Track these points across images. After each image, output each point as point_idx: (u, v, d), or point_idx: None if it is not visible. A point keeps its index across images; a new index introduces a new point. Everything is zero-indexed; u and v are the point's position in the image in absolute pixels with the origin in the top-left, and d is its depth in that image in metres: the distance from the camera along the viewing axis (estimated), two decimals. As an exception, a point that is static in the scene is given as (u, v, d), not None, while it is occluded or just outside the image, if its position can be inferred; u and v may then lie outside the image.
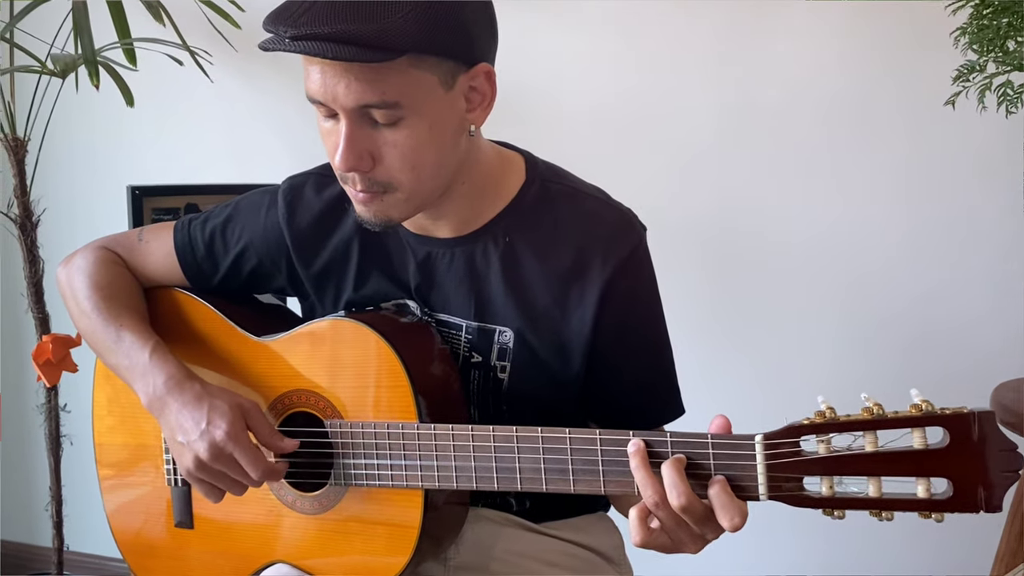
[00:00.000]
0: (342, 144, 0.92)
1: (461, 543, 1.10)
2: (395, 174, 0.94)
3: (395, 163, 0.93)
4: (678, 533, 0.85)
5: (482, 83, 0.97)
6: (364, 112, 0.91)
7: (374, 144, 0.93)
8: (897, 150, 1.78)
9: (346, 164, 0.93)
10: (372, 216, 0.98)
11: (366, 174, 0.94)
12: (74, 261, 1.20)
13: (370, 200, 0.96)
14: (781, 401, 1.85)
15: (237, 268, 1.16)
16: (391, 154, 0.93)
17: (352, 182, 0.95)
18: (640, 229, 1.06)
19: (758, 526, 1.00)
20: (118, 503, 1.25)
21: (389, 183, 0.94)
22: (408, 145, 0.92)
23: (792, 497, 0.81)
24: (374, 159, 0.93)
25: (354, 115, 0.91)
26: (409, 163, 0.93)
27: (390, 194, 0.95)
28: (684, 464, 0.83)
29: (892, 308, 1.82)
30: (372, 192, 0.95)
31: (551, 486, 0.92)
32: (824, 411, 0.80)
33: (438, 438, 0.98)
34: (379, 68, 0.88)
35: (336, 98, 0.90)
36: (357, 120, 0.91)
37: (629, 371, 1.06)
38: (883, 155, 1.79)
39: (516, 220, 1.05)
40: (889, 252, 1.81)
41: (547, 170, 1.09)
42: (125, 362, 1.11)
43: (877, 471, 0.78)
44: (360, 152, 0.92)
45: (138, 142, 2.22)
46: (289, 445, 1.04)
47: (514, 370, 1.05)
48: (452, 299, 1.07)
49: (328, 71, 0.90)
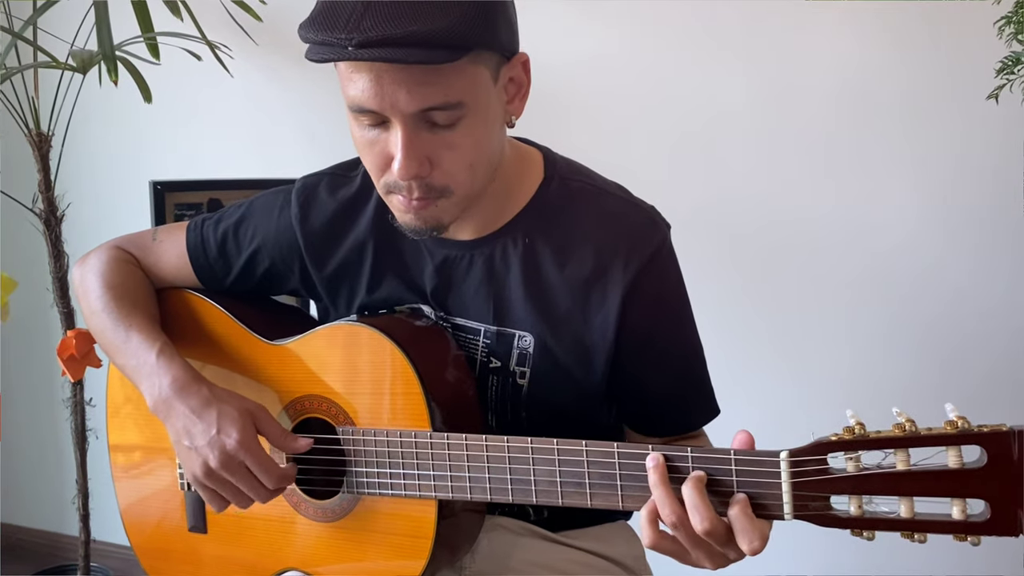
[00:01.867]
0: (401, 153, 0.87)
1: (477, 552, 1.08)
2: (453, 177, 0.90)
3: (454, 165, 0.90)
4: (697, 551, 0.82)
5: (519, 73, 0.94)
6: (424, 116, 0.87)
7: (432, 148, 0.89)
8: (938, 146, 1.70)
9: (409, 172, 0.88)
10: (422, 223, 0.93)
11: (424, 180, 0.90)
12: (88, 261, 1.19)
13: (424, 207, 0.92)
14: (810, 409, 1.81)
15: (250, 269, 1.14)
16: (449, 157, 0.89)
17: (408, 191, 0.91)
18: (664, 227, 1.03)
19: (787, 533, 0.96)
20: (132, 505, 1.24)
21: (446, 187, 0.91)
22: (467, 145, 0.89)
23: (819, 517, 0.77)
24: (432, 163, 0.89)
25: (413, 120, 0.87)
26: (467, 163, 0.90)
27: (445, 198, 0.92)
28: (705, 482, 0.80)
29: (931, 315, 1.75)
30: (429, 198, 0.91)
31: (567, 500, 0.89)
32: (853, 427, 0.76)
33: (451, 448, 0.95)
34: (441, 69, 0.84)
35: (396, 104, 0.85)
36: (415, 125, 0.87)
37: (658, 378, 1.03)
38: (923, 151, 1.71)
39: (536, 220, 1.01)
40: (929, 255, 1.74)
41: (566, 167, 1.05)
42: (132, 362, 1.09)
43: (909, 491, 0.74)
44: (420, 158, 0.88)
45: (161, 137, 2.22)
46: (303, 444, 1.01)
47: (534, 376, 1.02)
48: (470, 303, 1.04)
49: (386, 77, 0.84)
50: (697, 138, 1.84)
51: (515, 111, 0.96)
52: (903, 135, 1.72)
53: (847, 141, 1.75)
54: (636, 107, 1.87)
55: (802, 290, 1.83)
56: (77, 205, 2.00)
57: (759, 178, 1.81)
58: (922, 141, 1.71)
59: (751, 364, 1.87)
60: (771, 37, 1.76)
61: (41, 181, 1.85)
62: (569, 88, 1.88)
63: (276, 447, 1.01)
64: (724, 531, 0.79)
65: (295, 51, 1.96)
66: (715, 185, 1.84)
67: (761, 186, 1.81)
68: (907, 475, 0.74)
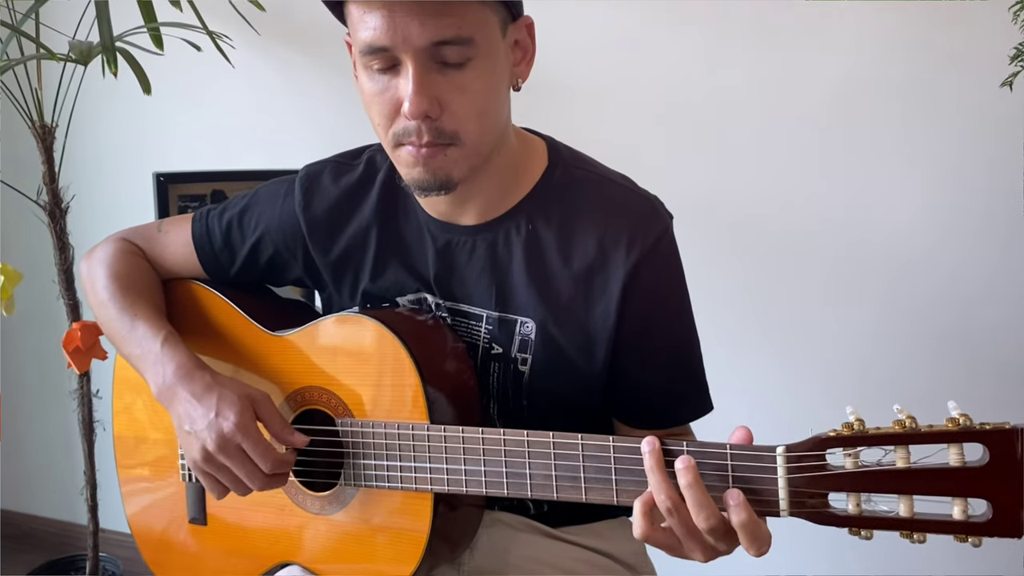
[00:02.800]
0: (412, 89, 0.87)
1: (476, 548, 1.07)
2: (463, 122, 0.90)
3: (464, 109, 0.90)
4: (689, 541, 0.81)
5: (524, 36, 0.96)
6: (434, 53, 0.87)
7: (443, 90, 0.89)
8: (947, 136, 1.67)
9: (420, 109, 0.88)
10: (431, 175, 0.92)
11: (434, 123, 0.89)
12: (95, 253, 1.19)
13: (432, 155, 0.91)
14: (809, 404, 1.79)
15: (254, 258, 1.14)
16: (460, 100, 0.89)
17: (417, 134, 0.90)
18: (666, 217, 1.02)
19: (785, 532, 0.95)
20: (135, 497, 1.24)
21: (456, 133, 0.90)
22: (477, 89, 0.89)
23: (816, 514, 0.75)
24: (442, 107, 0.89)
25: (423, 57, 0.87)
26: (477, 108, 0.90)
27: (455, 147, 0.91)
28: (696, 471, 0.79)
29: (934, 310, 1.71)
30: (437, 145, 0.91)
31: (562, 494, 0.88)
32: (852, 423, 0.75)
33: (448, 440, 0.94)
34: (453, 3, 0.86)
35: (408, 38, 0.86)
36: (426, 63, 0.87)
37: (654, 367, 1.02)
38: (931, 141, 1.68)
39: (539, 207, 1.01)
40: (934, 249, 1.70)
41: (570, 156, 1.04)
42: (137, 351, 1.09)
43: (909, 489, 0.72)
44: (431, 97, 0.88)
45: (164, 129, 2.21)
46: (299, 440, 1.01)
47: (535, 362, 1.01)
48: (473, 289, 1.03)
49: (398, 11, 0.86)
50: (700, 127, 1.81)
51: (521, 74, 0.97)
52: (910, 123, 1.68)
53: (851, 131, 1.72)
54: (639, 95, 1.84)
55: (803, 283, 1.80)
56: (82, 197, 2.00)
57: (762, 168, 1.78)
58: (928, 130, 1.67)
59: (749, 358, 1.84)
60: (777, 26, 1.73)
61: (45, 173, 1.84)
62: (573, 75, 1.86)
63: (273, 436, 1.01)
64: (724, 528, 0.78)
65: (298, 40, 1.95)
66: (716, 174, 1.81)
67: (765, 176, 1.79)
68: (907, 473, 0.72)
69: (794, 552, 1.66)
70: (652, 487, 0.81)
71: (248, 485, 0.99)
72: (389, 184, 1.07)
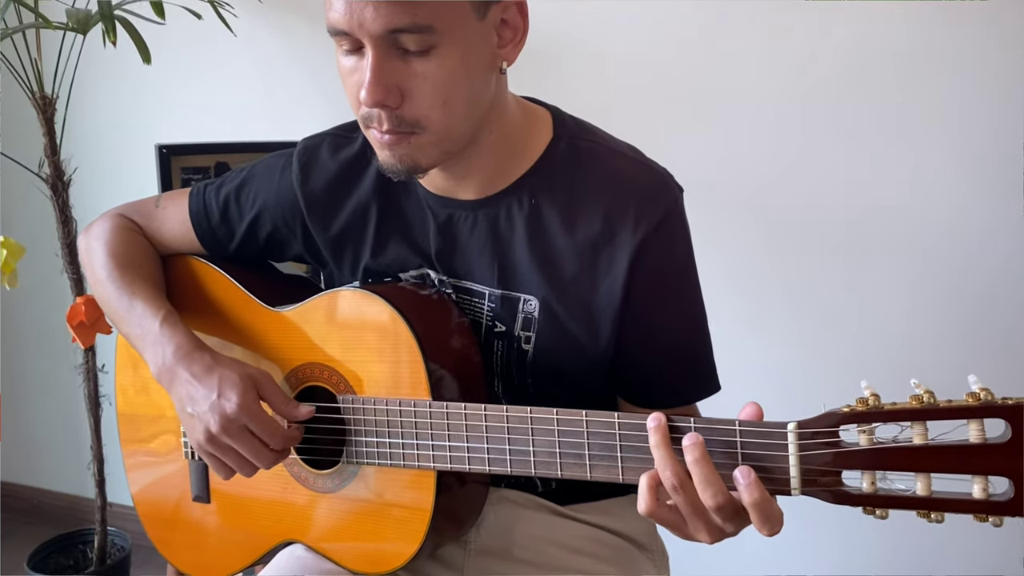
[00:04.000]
0: (368, 75, 0.84)
1: (482, 525, 1.06)
2: (425, 110, 0.87)
3: (425, 98, 0.86)
4: (695, 520, 0.78)
5: (514, 16, 0.90)
6: (393, 40, 0.84)
7: (403, 77, 0.85)
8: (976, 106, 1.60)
9: (373, 98, 0.85)
10: (397, 161, 0.90)
11: (393, 111, 0.86)
12: (92, 230, 1.17)
13: (396, 143, 0.88)
14: (822, 381, 1.74)
15: (252, 234, 1.12)
16: (421, 88, 0.85)
17: (378, 121, 0.87)
18: (676, 190, 0.98)
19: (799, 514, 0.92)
20: (139, 475, 1.24)
21: (417, 121, 0.87)
22: (439, 77, 0.85)
23: (829, 493, 0.73)
24: (403, 94, 0.86)
25: (382, 44, 0.84)
26: (440, 97, 0.86)
27: (418, 135, 0.88)
28: (704, 447, 0.76)
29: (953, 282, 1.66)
30: (399, 133, 0.88)
31: (566, 471, 0.86)
32: (867, 398, 0.72)
33: (450, 418, 0.92)
34: None
35: (363, 23, 0.83)
36: (385, 49, 0.84)
37: (660, 345, 0.99)
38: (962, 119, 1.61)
39: (542, 180, 0.97)
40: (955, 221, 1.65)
41: (576, 127, 1.01)
42: (137, 331, 1.07)
43: (926, 467, 0.69)
44: (388, 85, 0.85)
45: (167, 100, 2.18)
46: (304, 412, 0.99)
47: (539, 341, 0.99)
48: (475, 265, 1.00)
49: None
50: (713, 96, 1.76)
51: (507, 56, 0.91)
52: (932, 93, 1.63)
53: (875, 102, 1.67)
54: (650, 66, 1.79)
55: (814, 257, 1.75)
56: (84, 169, 1.97)
57: (775, 141, 1.74)
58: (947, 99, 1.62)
59: (758, 334, 1.80)
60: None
61: (46, 145, 1.82)
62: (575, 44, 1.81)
63: (278, 413, 0.99)
64: (733, 507, 0.76)
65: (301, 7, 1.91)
66: (726, 147, 1.76)
67: (777, 149, 1.74)
68: (924, 450, 0.69)
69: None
70: (657, 463, 0.78)
71: (256, 463, 0.98)
72: None
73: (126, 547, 2.13)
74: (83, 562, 2.11)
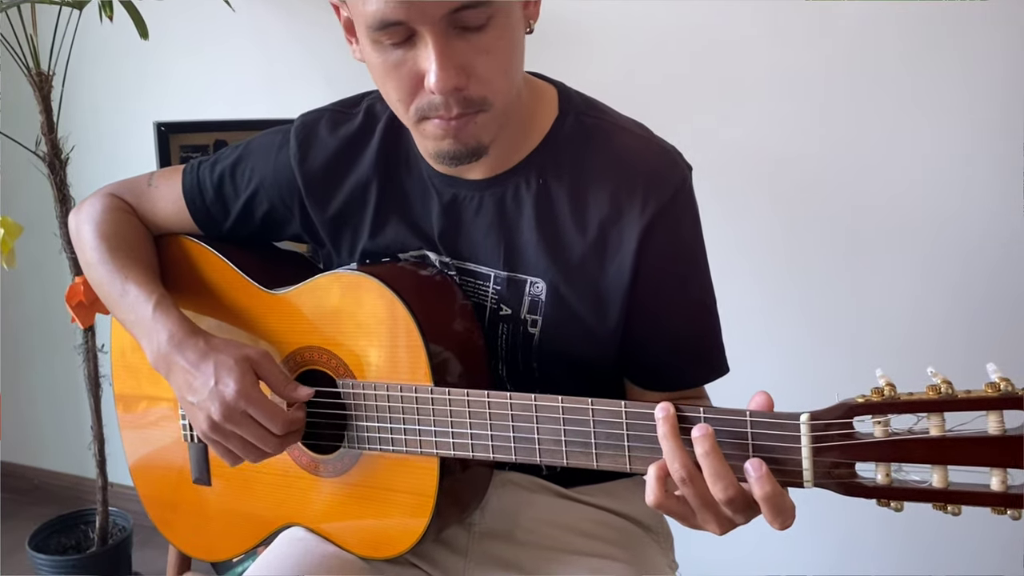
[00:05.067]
0: (436, 64, 0.80)
1: (486, 508, 1.04)
2: (491, 84, 0.84)
3: (491, 71, 0.83)
4: (704, 512, 0.76)
5: None
6: (453, 20, 0.80)
7: (466, 56, 0.82)
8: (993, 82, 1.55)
9: (448, 83, 0.81)
10: (462, 145, 0.87)
11: (462, 92, 0.83)
12: (82, 210, 1.15)
13: (464, 126, 0.85)
14: (834, 370, 1.71)
15: (248, 213, 1.09)
16: (486, 63, 0.83)
17: (445, 108, 0.84)
18: (684, 168, 0.96)
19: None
20: (139, 456, 1.22)
21: (484, 98, 0.84)
22: (501, 48, 0.83)
23: (842, 485, 0.71)
24: (467, 73, 0.83)
25: (442, 25, 0.80)
26: (503, 67, 0.84)
27: (484, 112, 0.85)
28: (714, 439, 0.74)
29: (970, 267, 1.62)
30: (467, 114, 0.85)
31: (572, 460, 0.84)
32: (882, 388, 0.69)
33: (453, 404, 0.90)
34: None
35: (425, 9, 0.79)
36: (445, 30, 0.81)
37: (669, 326, 0.97)
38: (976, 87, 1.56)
39: (549, 159, 0.95)
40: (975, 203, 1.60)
41: (582, 102, 0.98)
42: (131, 316, 1.05)
43: (944, 459, 0.67)
44: (456, 67, 0.82)
45: (165, 77, 2.15)
46: (304, 393, 0.97)
47: (546, 324, 0.97)
48: (480, 247, 0.98)
49: None
50: (718, 71, 1.72)
51: (532, 15, 0.90)
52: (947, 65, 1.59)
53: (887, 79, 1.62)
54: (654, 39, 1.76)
55: (829, 240, 1.71)
56: (82, 148, 1.95)
57: (780, 116, 1.70)
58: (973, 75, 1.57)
59: (769, 319, 1.77)
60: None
61: (43, 123, 1.79)
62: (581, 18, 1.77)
63: (277, 394, 0.97)
64: (744, 499, 0.74)
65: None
66: (736, 126, 1.73)
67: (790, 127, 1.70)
68: (941, 442, 0.67)
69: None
70: (666, 455, 0.76)
71: (263, 449, 0.95)
72: (390, 135, 1.01)
73: (128, 527, 2.13)
74: (85, 542, 2.11)
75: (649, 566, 1.04)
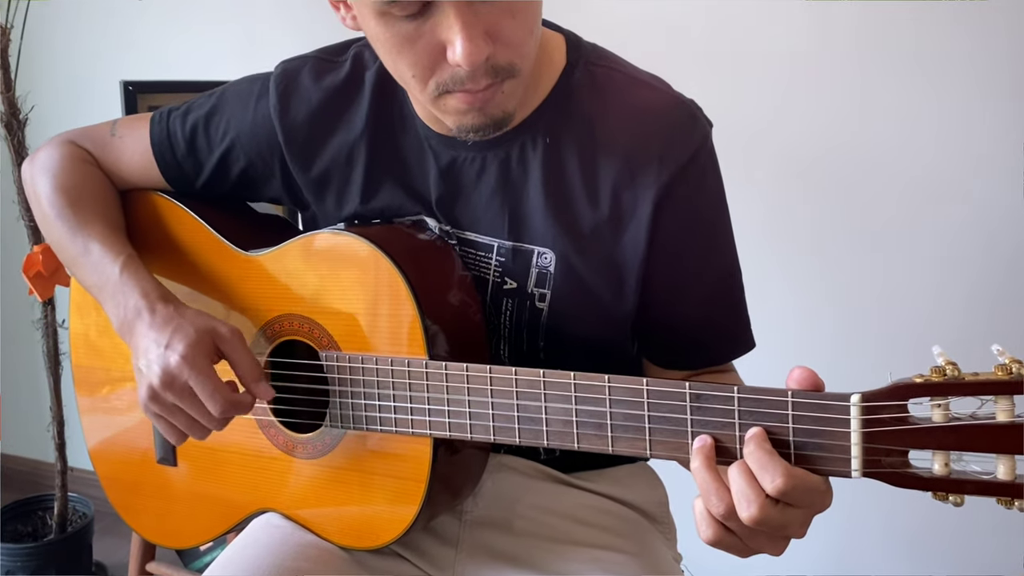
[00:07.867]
0: (462, 35, 0.72)
1: (480, 495, 0.97)
2: (518, 49, 0.77)
3: (517, 35, 0.76)
4: (755, 539, 0.68)
5: None
6: None
7: (489, 22, 0.74)
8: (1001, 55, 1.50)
9: (478, 55, 0.73)
10: (488, 118, 0.79)
11: (489, 61, 0.75)
12: (38, 158, 1.05)
13: (491, 96, 0.78)
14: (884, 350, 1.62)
15: (223, 169, 1.00)
16: (510, 25, 0.75)
17: (472, 79, 0.76)
18: (705, 125, 0.88)
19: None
20: (98, 434, 1.13)
21: (511, 63, 0.77)
22: (525, 9, 0.76)
23: (894, 475, 0.63)
24: (493, 39, 0.75)
25: None
26: (529, 28, 0.77)
27: (512, 78, 0.78)
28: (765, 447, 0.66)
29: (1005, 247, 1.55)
30: (495, 82, 0.77)
31: (584, 443, 0.76)
32: (943, 366, 0.62)
33: (450, 379, 0.81)
34: None
35: None
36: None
37: (690, 298, 0.89)
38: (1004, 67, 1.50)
39: (557, 115, 0.87)
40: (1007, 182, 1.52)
41: (593, 52, 0.90)
42: (94, 278, 0.96)
43: (1012, 448, 0.60)
44: (483, 35, 0.74)
45: (133, 33, 2.04)
46: (264, 392, 0.88)
47: (555, 299, 0.89)
48: (482, 214, 0.90)
49: None
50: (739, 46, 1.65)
51: None
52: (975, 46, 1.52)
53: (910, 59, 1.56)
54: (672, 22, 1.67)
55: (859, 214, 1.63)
56: (41, 108, 1.83)
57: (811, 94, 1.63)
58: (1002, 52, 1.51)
59: (802, 290, 1.68)
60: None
61: (0, 80, 1.68)
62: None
63: (239, 376, 0.88)
64: (778, 516, 0.66)
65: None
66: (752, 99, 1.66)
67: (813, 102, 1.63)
68: (1010, 428, 0.60)
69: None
70: (701, 490, 0.68)
71: (205, 425, 0.87)
72: (381, 87, 0.92)
73: (89, 514, 2.05)
74: (42, 529, 2.03)
75: (655, 558, 0.97)
